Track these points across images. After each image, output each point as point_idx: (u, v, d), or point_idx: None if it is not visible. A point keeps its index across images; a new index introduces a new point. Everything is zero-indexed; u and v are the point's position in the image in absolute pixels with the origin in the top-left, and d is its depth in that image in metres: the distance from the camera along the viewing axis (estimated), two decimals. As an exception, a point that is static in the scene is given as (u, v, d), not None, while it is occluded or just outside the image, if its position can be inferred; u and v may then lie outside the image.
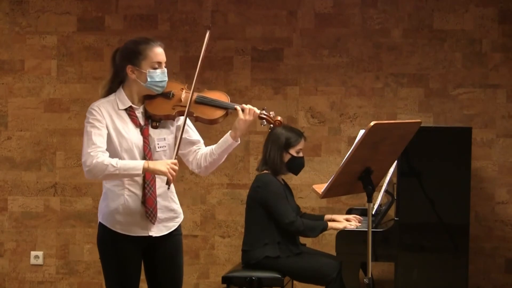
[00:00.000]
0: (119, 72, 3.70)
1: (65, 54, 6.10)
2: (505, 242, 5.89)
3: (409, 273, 4.84)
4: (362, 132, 3.75)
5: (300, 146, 5.01)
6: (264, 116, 3.70)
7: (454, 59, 5.90)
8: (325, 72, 5.98)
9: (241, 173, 5.99)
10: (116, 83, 3.73)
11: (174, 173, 3.54)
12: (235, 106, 3.68)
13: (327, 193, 3.81)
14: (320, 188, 3.84)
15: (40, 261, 6.13)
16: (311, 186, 5.14)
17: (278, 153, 4.97)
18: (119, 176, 3.56)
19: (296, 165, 5.04)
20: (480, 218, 5.87)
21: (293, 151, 4.99)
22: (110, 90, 3.73)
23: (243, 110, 3.66)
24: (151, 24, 6.06)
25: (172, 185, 3.71)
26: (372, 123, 3.52)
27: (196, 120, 3.71)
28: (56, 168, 6.11)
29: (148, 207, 3.66)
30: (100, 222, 3.74)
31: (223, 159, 3.77)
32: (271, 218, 4.93)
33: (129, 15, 6.08)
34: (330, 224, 4.98)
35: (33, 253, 6.14)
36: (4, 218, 6.14)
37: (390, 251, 4.83)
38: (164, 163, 3.55)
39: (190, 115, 3.65)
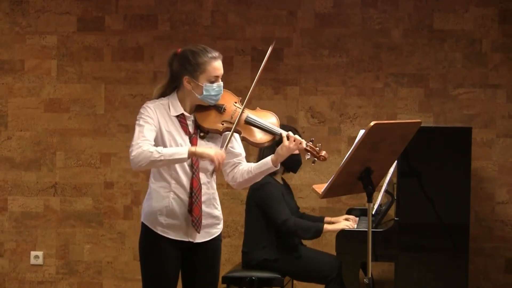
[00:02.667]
0: (175, 79, 3.69)
1: (65, 54, 6.10)
2: (505, 242, 5.89)
3: (409, 273, 4.83)
4: (362, 132, 3.74)
5: None
6: (309, 149, 3.68)
7: (454, 59, 5.90)
8: (325, 72, 5.98)
9: (241, 173, 5.98)
10: (171, 88, 3.71)
11: (221, 161, 3.50)
12: (281, 133, 3.66)
13: (327, 193, 3.80)
14: (320, 188, 3.83)
15: (40, 261, 6.13)
16: (311, 186, 5.12)
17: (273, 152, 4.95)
18: (164, 162, 3.51)
19: (293, 163, 4.97)
20: (480, 218, 5.86)
21: None
22: (164, 93, 3.72)
23: (288, 137, 3.63)
24: (151, 24, 6.05)
25: (215, 192, 3.73)
26: (372, 123, 3.51)
27: (242, 140, 3.72)
28: (56, 168, 6.10)
29: (194, 216, 3.63)
30: (142, 222, 3.72)
31: (259, 179, 3.78)
32: (269, 220, 4.92)
33: (129, 15, 6.07)
34: (326, 226, 4.93)
35: (33, 253, 6.14)
36: (4, 218, 6.14)
37: (390, 251, 4.82)
38: (212, 149, 3.53)
39: (237, 133, 3.66)
